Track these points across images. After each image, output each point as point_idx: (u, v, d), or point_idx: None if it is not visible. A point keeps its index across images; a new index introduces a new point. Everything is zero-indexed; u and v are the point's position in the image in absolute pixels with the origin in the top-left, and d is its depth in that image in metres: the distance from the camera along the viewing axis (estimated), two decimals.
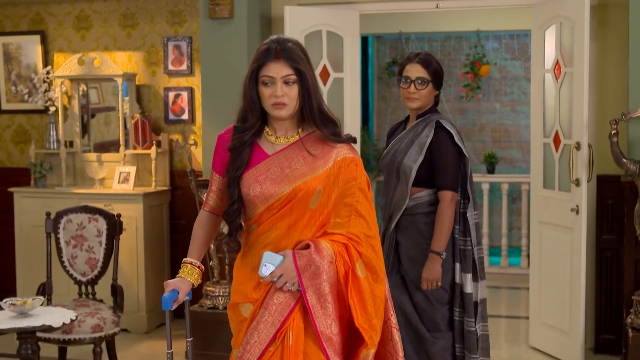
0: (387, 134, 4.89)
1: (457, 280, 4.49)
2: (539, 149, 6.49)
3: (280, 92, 3.04)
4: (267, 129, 3.18)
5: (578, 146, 5.95)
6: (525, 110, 11.38)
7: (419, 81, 4.48)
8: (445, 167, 4.42)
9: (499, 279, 9.39)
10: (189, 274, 3.23)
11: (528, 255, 9.19)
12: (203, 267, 3.28)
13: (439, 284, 4.42)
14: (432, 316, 4.49)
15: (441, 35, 11.54)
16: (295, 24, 6.51)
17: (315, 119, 3.10)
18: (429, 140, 4.42)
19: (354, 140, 3.20)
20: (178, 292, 3.17)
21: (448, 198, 4.40)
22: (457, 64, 11.65)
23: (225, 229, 5.35)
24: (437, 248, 4.40)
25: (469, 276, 4.48)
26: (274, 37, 3.11)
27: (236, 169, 3.13)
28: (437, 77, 4.55)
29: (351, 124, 6.80)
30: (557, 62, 6.22)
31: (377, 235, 3.16)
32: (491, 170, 10.21)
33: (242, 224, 3.20)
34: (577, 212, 5.96)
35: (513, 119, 11.64)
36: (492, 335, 7.29)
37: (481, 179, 9.88)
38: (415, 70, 4.50)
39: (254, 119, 3.14)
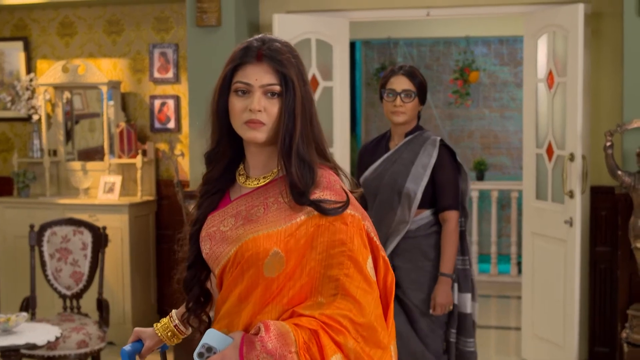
0: (361, 151, 4.63)
1: (455, 300, 4.33)
2: (531, 159, 6.41)
3: (258, 106, 2.20)
4: (241, 166, 2.38)
5: (572, 157, 5.87)
6: (514, 116, 11.31)
7: (405, 94, 4.28)
8: (449, 187, 4.28)
9: (488, 287, 9.30)
10: (162, 329, 2.56)
11: (518, 263, 9.13)
12: (185, 331, 2.58)
13: (451, 307, 4.28)
14: (434, 341, 4.33)
15: (430, 40, 11.46)
16: (284, 32, 6.40)
17: (291, 153, 2.21)
18: (433, 161, 4.26)
19: (324, 211, 2.21)
20: (142, 345, 2.57)
21: (454, 218, 4.27)
22: (445, 70, 11.57)
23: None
24: (447, 270, 4.25)
25: (469, 296, 4.37)
26: (258, 35, 2.31)
27: (195, 222, 2.39)
28: (422, 91, 4.35)
29: (340, 134, 6.70)
30: (550, 72, 6.14)
31: (376, 325, 2.22)
32: (480, 177, 10.14)
33: (211, 295, 2.48)
34: (571, 224, 5.88)
35: (502, 125, 11.57)
36: (482, 346, 7.25)
37: (470, 186, 9.80)
38: (400, 83, 4.30)
39: (222, 144, 2.33)
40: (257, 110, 2.21)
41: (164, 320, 2.59)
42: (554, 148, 6.14)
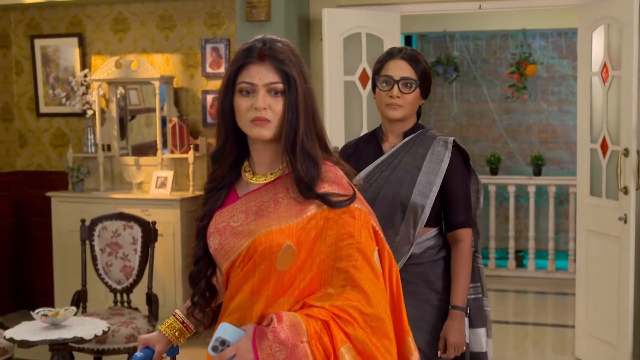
0: (343, 154, 3.63)
1: (467, 338, 3.54)
2: (585, 154, 6.28)
3: (263, 104, 2.27)
4: (246, 162, 2.43)
5: (626, 152, 5.73)
6: (573, 110, 11.11)
7: (404, 83, 3.46)
8: (462, 200, 3.51)
9: (545, 284, 9.18)
10: (168, 329, 2.60)
11: (576, 260, 8.97)
12: (193, 328, 2.61)
13: (464, 347, 3.48)
14: None
15: (486, 33, 11.33)
16: (334, 27, 6.36)
17: (295, 148, 2.28)
18: (445, 166, 3.46)
19: (331, 203, 2.28)
20: (153, 351, 2.57)
21: (468, 238, 3.50)
22: (503, 63, 11.42)
23: None
24: (461, 303, 3.45)
25: (482, 331, 3.60)
26: (259, 36, 2.38)
27: (202, 217, 2.43)
28: (425, 81, 3.52)
29: None
30: (605, 65, 6.00)
31: (383, 315, 2.28)
32: (537, 172, 9.99)
33: (216, 290, 2.53)
34: (625, 222, 5.75)
35: (560, 119, 11.38)
36: (537, 344, 7.16)
37: (527, 182, 9.67)
38: (399, 69, 3.48)
39: (229, 143, 2.38)
40: (262, 108, 2.28)
41: (169, 320, 2.62)
42: (608, 143, 6.01)
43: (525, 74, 10.47)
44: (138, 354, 2.55)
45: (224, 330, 2.23)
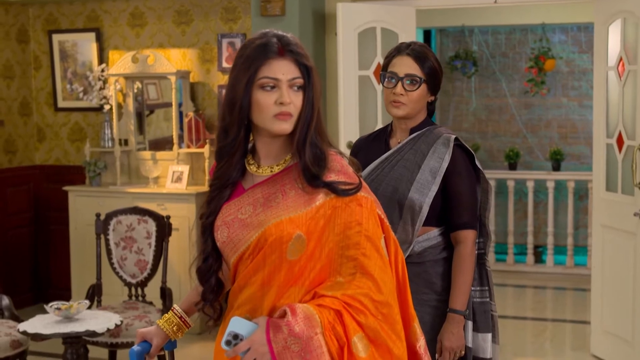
0: (355, 148, 3.65)
1: (469, 343, 3.42)
2: (601, 149, 6.23)
3: (288, 98, 2.29)
4: (249, 156, 2.46)
5: None
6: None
7: (409, 80, 3.35)
8: (465, 200, 3.38)
9: (564, 280, 9.12)
10: (167, 324, 2.60)
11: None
12: (190, 323, 2.64)
13: (463, 352, 3.37)
14: None
15: (506, 28, 11.27)
16: (349, 21, 6.35)
17: (307, 140, 2.33)
18: (445, 165, 3.35)
19: (338, 192, 2.33)
20: (151, 345, 2.59)
21: (471, 239, 3.37)
22: (522, 57, 11.35)
23: None
24: (459, 306, 3.34)
25: (489, 337, 3.47)
26: (264, 30, 2.38)
27: (209, 214, 2.44)
28: (433, 78, 3.41)
29: None
30: (621, 59, 5.96)
31: (392, 301, 2.32)
32: (557, 167, 9.93)
33: (224, 284, 2.51)
34: None
35: (580, 114, 11.30)
36: (554, 339, 7.12)
37: (546, 177, 9.61)
38: (404, 65, 3.37)
39: (238, 139, 2.39)
40: (288, 103, 2.30)
41: (167, 315, 2.63)
42: (624, 138, 5.96)
43: (544, 69, 10.40)
44: (135, 347, 2.57)
45: (236, 324, 2.25)
